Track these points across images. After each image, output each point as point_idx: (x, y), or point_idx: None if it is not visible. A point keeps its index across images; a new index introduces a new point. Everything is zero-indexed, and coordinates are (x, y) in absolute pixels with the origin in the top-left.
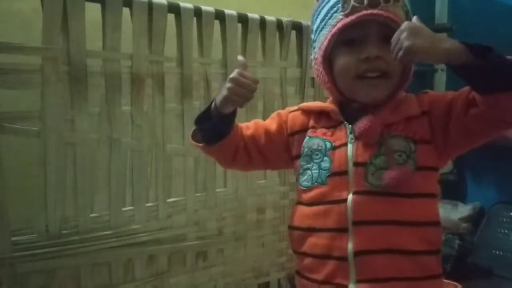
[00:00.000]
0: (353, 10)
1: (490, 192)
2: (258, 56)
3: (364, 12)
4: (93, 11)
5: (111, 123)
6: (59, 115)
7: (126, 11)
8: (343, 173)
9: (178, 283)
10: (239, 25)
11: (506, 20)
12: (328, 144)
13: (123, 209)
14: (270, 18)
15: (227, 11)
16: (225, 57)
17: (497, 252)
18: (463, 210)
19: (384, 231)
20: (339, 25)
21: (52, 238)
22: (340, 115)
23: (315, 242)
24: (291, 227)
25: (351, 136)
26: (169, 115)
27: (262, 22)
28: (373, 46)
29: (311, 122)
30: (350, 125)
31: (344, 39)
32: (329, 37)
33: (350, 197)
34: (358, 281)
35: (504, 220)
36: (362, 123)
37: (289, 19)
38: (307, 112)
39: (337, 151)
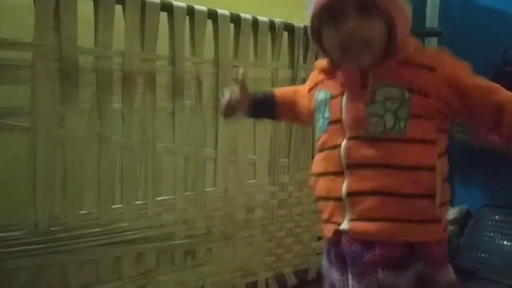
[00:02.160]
0: None
1: (477, 195)
2: (250, 56)
3: None
4: (85, 8)
5: (102, 121)
6: (49, 112)
7: (118, 8)
8: (339, 121)
9: (166, 281)
10: (232, 25)
11: (495, 25)
12: (328, 95)
13: (112, 206)
14: (262, 18)
15: (219, 11)
16: (217, 57)
17: (483, 255)
18: (450, 212)
19: (374, 174)
20: (317, 4)
21: (41, 235)
22: (335, 67)
23: (321, 185)
24: (311, 174)
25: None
26: (160, 114)
27: (255, 23)
28: (351, 18)
29: (321, 76)
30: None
31: (327, 13)
32: (311, 15)
33: (343, 142)
34: (351, 220)
35: (491, 223)
36: (344, 72)
37: (281, 20)
38: (319, 69)
39: (334, 101)
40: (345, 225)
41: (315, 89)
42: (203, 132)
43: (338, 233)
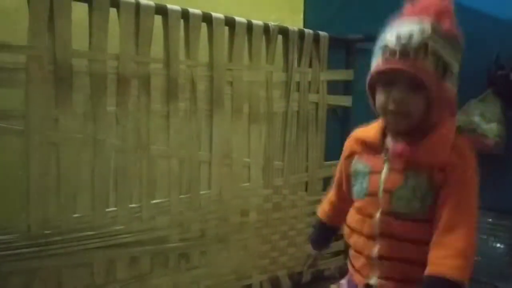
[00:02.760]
0: (387, 60)
1: None
2: (245, 60)
3: (394, 65)
4: (79, 11)
5: (96, 124)
6: (43, 115)
7: (113, 11)
8: (375, 194)
9: (160, 284)
10: (226, 28)
11: (488, 30)
12: (367, 168)
13: (106, 210)
14: (257, 22)
15: (214, 14)
16: (211, 60)
17: (476, 257)
18: None
19: (400, 245)
20: (375, 69)
21: (34, 238)
22: (380, 144)
23: (356, 240)
24: (346, 224)
25: (386, 164)
26: (154, 116)
27: (249, 26)
28: (399, 92)
29: (359, 148)
30: (386, 154)
31: (381, 79)
32: (369, 76)
33: (378, 215)
34: (379, 277)
35: (483, 225)
36: (395, 146)
37: (275, 23)
38: (356, 139)
39: (373, 176)
40: (374, 282)
41: (352, 158)
42: (197, 135)
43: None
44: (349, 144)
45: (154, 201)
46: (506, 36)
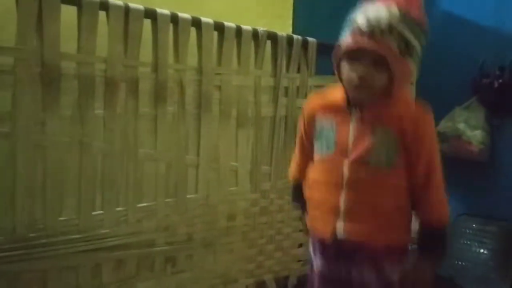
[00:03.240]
0: (357, 39)
1: (455, 203)
2: (233, 64)
3: (362, 44)
4: (68, 13)
5: (83, 127)
6: (30, 117)
7: (102, 14)
8: (344, 146)
9: None
10: (215, 33)
11: (474, 39)
12: (334, 125)
13: (93, 213)
14: (246, 27)
15: (203, 19)
16: (200, 64)
17: (460, 263)
18: None
19: (366, 193)
20: (344, 47)
21: (19, 241)
22: (346, 104)
23: (320, 191)
24: (308, 178)
25: (354, 119)
26: (142, 120)
27: (238, 31)
28: (364, 67)
29: (322, 110)
30: (355, 110)
31: (348, 55)
32: (338, 51)
33: (346, 165)
34: (345, 224)
35: (467, 231)
36: (367, 107)
37: (264, 29)
38: (318, 104)
39: (340, 130)
40: (340, 227)
41: (314, 119)
42: (185, 139)
43: (334, 233)
44: (308, 110)
45: (141, 205)
46: (491, 45)
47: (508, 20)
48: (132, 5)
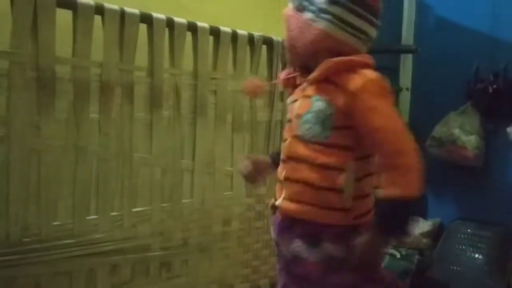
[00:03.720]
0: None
1: (450, 208)
2: (229, 69)
3: (286, 15)
4: (63, 17)
5: (78, 131)
6: (25, 121)
7: (97, 18)
8: (291, 121)
9: None
10: (211, 37)
11: (469, 44)
12: (291, 99)
13: (87, 217)
14: (241, 32)
15: (199, 23)
16: (196, 69)
17: (455, 268)
18: (424, 225)
19: (302, 168)
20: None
21: (13, 246)
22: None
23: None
24: None
25: (300, 93)
26: (138, 124)
27: (234, 36)
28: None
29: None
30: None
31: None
32: None
33: (288, 139)
34: (283, 198)
35: (463, 236)
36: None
37: (260, 33)
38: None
39: (292, 104)
40: (278, 202)
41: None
42: (180, 144)
43: (274, 207)
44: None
45: (136, 209)
46: (485, 50)
47: (502, 25)
48: (127, 9)
